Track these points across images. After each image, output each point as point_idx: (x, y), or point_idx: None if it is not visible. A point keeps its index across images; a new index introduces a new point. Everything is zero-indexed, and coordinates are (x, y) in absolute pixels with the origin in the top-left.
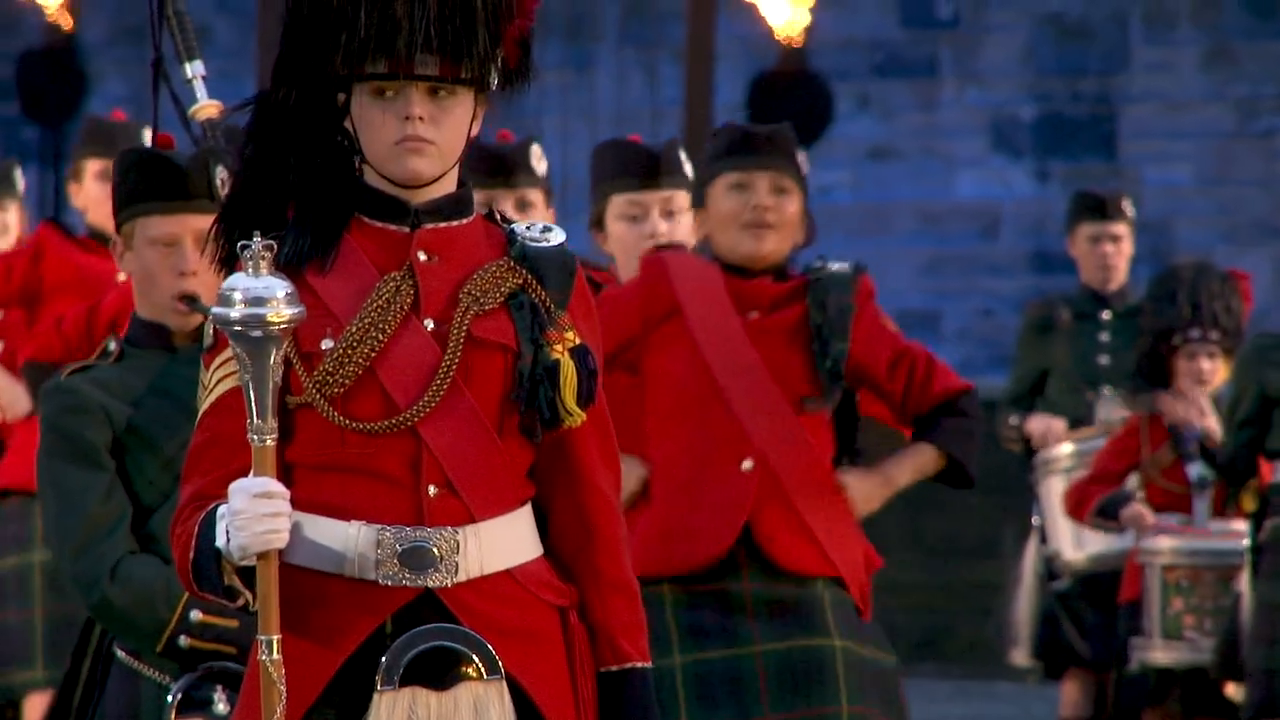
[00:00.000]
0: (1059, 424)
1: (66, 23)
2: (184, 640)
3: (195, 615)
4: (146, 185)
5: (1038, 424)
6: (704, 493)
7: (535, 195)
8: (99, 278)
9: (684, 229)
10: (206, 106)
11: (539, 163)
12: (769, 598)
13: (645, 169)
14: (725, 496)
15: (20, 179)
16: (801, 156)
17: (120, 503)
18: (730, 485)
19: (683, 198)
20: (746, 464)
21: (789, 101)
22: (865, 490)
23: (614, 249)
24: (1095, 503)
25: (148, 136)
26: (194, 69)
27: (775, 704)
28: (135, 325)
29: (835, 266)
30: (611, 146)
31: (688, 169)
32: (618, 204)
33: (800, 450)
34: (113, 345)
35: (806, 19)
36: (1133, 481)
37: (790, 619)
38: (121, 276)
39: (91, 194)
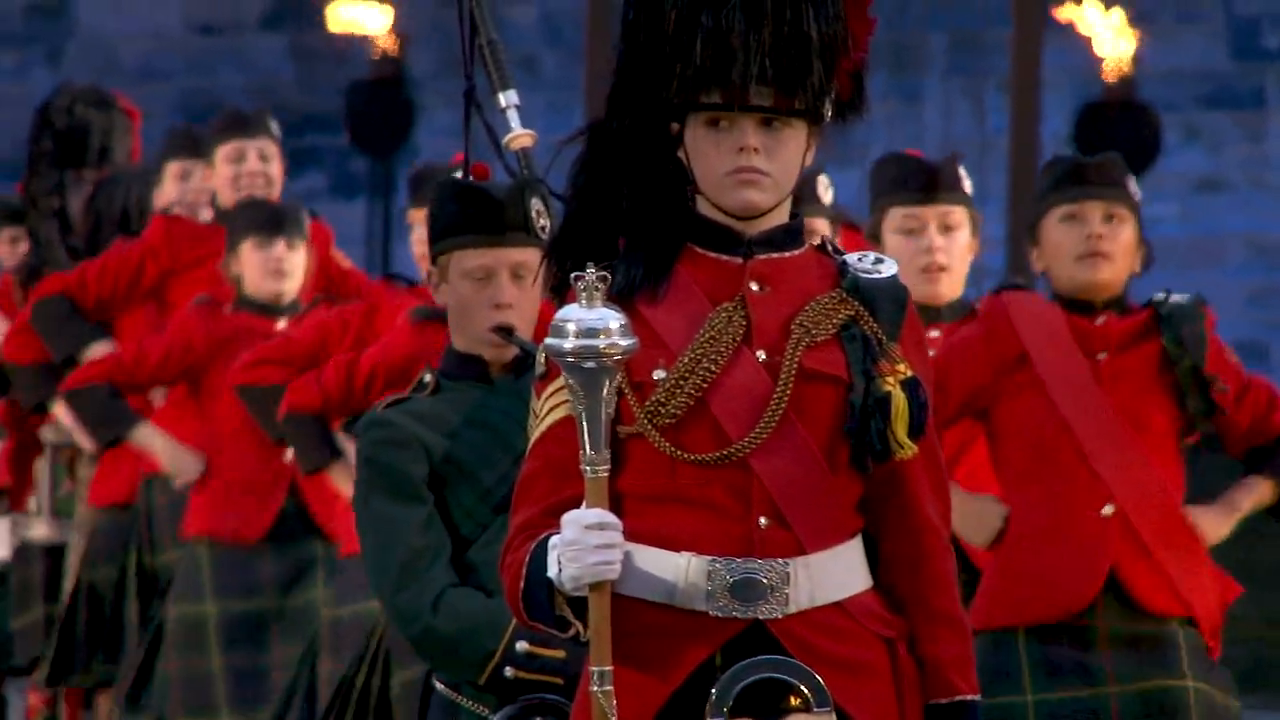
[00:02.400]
0: None
1: (393, 49)
2: (509, 671)
3: (522, 646)
4: (462, 217)
5: None
6: (1064, 540)
7: (820, 224)
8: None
9: (960, 245)
10: (520, 136)
11: (825, 192)
12: (1125, 634)
13: (924, 183)
14: (1086, 543)
15: (307, 220)
16: (1132, 183)
17: (439, 535)
18: (1091, 532)
19: (960, 213)
20: (1107, 510)
21: (1117, 132)
22: (1213, 524)
23: None
24: None
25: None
26: (508, 99)
27: None
28: (450, 357)
29: (1177, 298)
30: (891, 161)
31: (967, 185)
32: (894, 217)
33: (1157, 495)
34: (428, 377)
35: (1132, 48)
36: None
37: (1146, 656)
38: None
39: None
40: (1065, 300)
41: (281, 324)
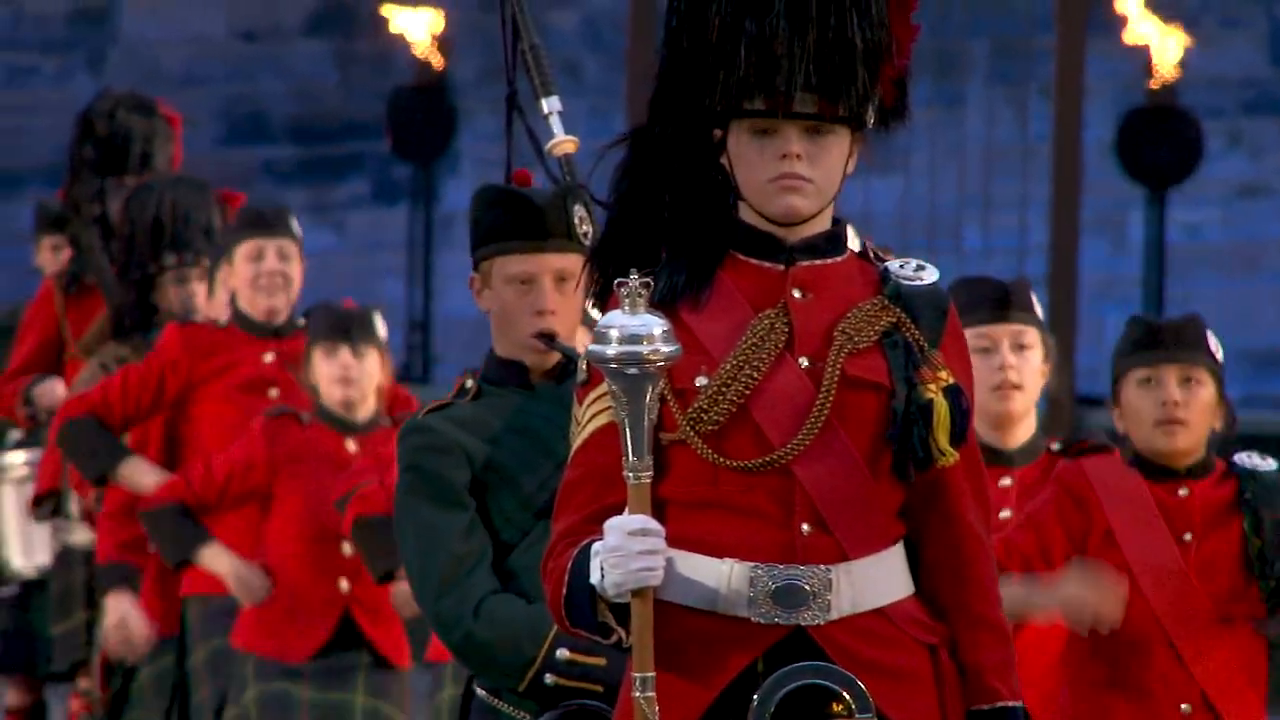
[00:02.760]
0: None
1: (438, 61)
2: (550, 678)
3: (562, 653)
4: (504, 223)
5: None
6: None
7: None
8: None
9: (1033, 365)
10: (563, 142)
11: None
12: None
13: (997, 302)
14: None
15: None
16: (1213, 341)
17: (481, 541)
18: None
19: (1033, 334)
20: (1185, 708)
21: (1159, 138)
22: None
23: None
24: None
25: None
26: (550, 104)
27: None
28: (492, 363)
29: (1261, 465)
30: (964, 283)
31: (1038, 309)
32: (968, 338)
33: (1242, 695)
34: (470, 383)
35: (1180, 53)
36: None
37: None
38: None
39: None
40: (1146, 465)
41: (351, 444)
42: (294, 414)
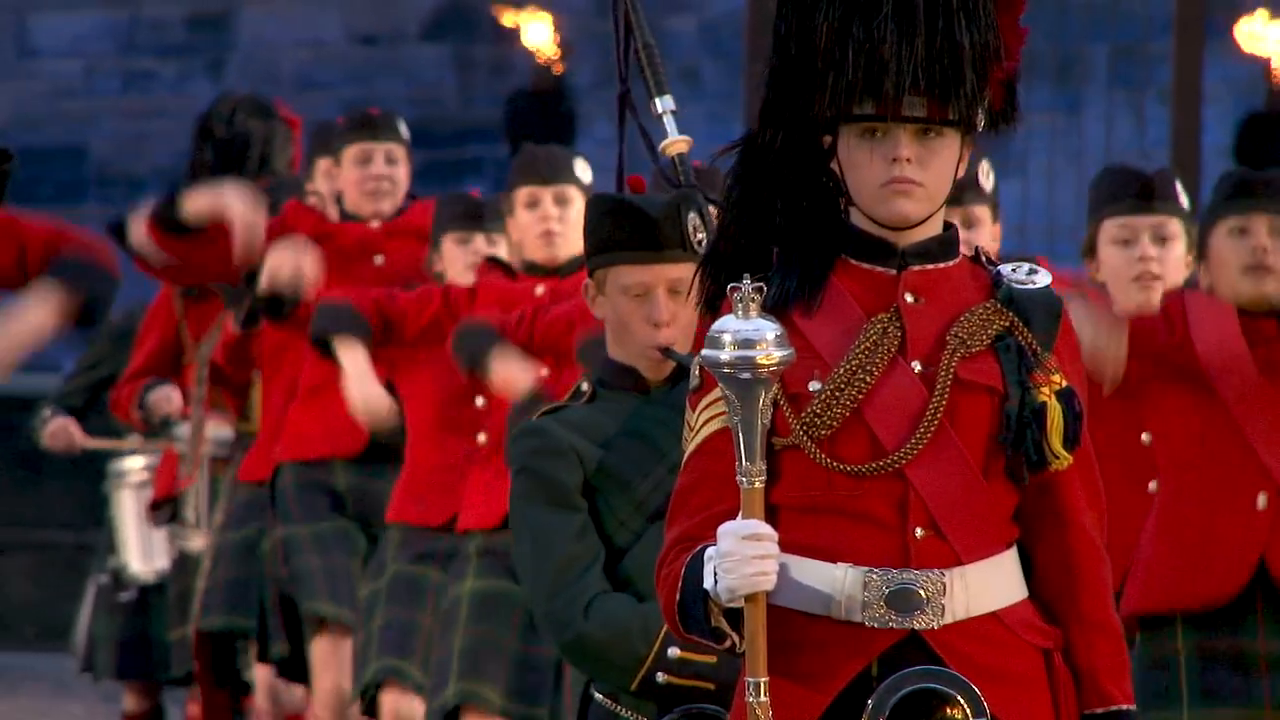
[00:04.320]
0: None
1: (557, 66)
2: (661, 677)
3: (674, 652)
4: (619, 233)
5: None
6: (1215, 529)
7: (982, 212)
8: (522, 300)
9: (1175, 256)
10: (676, 142)
11: (986, 179)
12: None
13: (1138, 193)
14: (1238, 534)
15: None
16: None
17: (593, 544)
18: (1244, 522)
19: (1175, 225)
20: (1261, 500)
21: (1278, 143)
22: None
23: (1106, 276)
24: None
25: (581, 166)
26: (664, 104)
27: None
28: (608, 367)
29: None
30: (1108, 172)
31: (1183, 199)
32: (1109, 228)
33: None
34: (585, 385)
35: None
36: None
37: None
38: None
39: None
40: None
41: None
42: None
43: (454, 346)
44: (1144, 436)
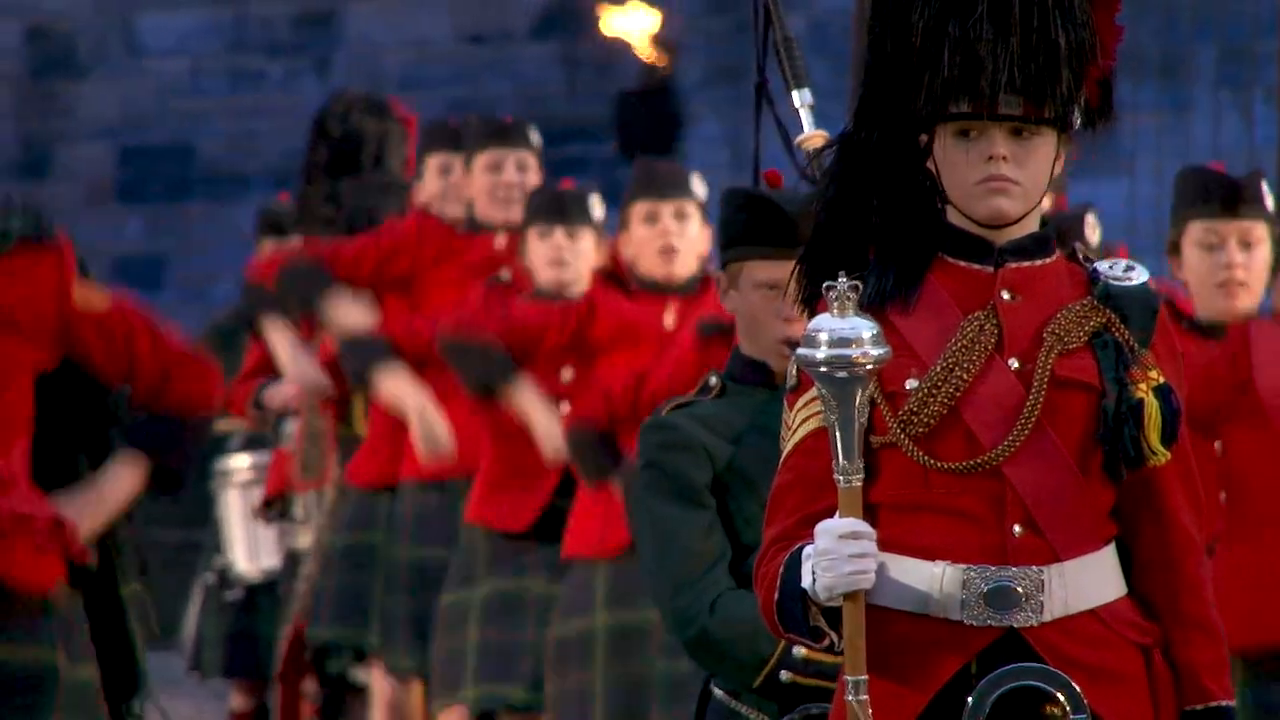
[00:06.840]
0: None
1: (664, 64)
2: (785, 675)
3: (799, 650)
4: (754, 228)
5: None
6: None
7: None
8: (648, 330)
9: (1260, 262)
10: (813, 136)
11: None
12: None
13: (1225, 198)
14: None
15: (598, 207)
16: None
17: (720, 541)
18: None
19: (1261, 230)
20: None
21: None
22: None
23: (1189, 277)
24: None
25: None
26: (802, 98)
27: None
28: (737, 361)
29: None
30: (1193, 173)
31: (1269, 203)
32: (1194, 231)
33: None
34: (714, 380)
35: None
36: None
37: None
38: (669, 320)
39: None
40: None
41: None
42: (508, 287)
43: (340, 357)
44: (1216, 445)
